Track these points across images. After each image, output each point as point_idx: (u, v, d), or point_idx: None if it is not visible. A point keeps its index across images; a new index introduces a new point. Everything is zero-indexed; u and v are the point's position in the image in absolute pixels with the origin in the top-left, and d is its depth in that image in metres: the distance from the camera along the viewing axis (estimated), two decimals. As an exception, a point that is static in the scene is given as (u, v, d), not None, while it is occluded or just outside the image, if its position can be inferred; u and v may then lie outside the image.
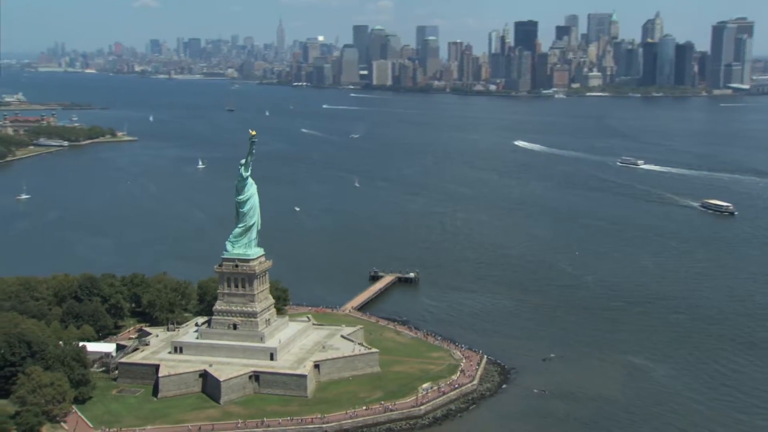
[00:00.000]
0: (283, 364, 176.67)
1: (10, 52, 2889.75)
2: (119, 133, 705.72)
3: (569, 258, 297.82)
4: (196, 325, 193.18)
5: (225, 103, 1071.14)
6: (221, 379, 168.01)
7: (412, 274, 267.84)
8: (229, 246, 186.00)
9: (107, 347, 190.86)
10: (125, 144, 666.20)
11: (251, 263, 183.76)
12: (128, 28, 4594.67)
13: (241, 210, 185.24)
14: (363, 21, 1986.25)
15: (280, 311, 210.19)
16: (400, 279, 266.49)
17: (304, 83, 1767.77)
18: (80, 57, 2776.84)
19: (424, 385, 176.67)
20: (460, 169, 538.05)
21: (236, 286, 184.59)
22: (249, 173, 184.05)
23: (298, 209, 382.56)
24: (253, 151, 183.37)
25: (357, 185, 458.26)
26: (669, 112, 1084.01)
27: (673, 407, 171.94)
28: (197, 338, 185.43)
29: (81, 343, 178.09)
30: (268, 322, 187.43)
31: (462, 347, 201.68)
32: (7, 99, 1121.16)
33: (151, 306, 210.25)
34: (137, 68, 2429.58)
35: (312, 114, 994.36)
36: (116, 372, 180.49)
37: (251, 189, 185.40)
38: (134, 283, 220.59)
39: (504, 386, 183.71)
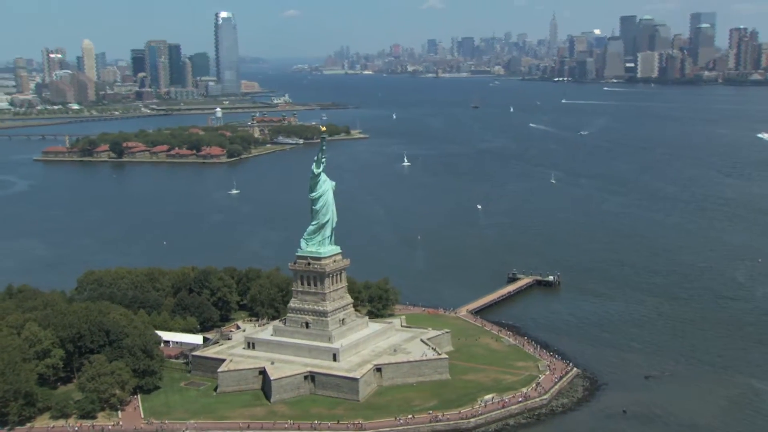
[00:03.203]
0: (343, 365, 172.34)
1: (304, 58, 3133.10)
2: (353, 131, 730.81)
3: (748, 267, 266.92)
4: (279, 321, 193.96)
5: (472, 101, 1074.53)
6: (272, 378, 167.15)
7: (551, 278, 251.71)
8: (303, 243, 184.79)
9: (195, 339, 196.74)
10: (356, 141, 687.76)
11: (323, 261, 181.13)
12: (408, 29, 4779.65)
13: (314, 207, 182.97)
14: (646, 12, 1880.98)
15: (382, 311, 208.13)
16: (539, 282, 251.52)
17: (566, 78, 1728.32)
18: (361, 59, 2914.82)
19: (486, 397, 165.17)
20: (681, 166, 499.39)
21: (309, 284, 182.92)
22: (321, 170, 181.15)
23: (479, 207, 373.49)
24: (324, 147, 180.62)
25: (553, 182, 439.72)
26: None
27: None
28: (271, 335, 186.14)
29: (161, 334, 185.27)
30: (341, 321, 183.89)
31: (556, 358, 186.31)
32: (275, 101, 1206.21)
33: (254, 301, 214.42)
34: (409, 68, 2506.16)
35: (553, 110, 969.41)
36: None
37: (324, 186, 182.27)
38: (249, 277, 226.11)
39: (584, 403, 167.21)
